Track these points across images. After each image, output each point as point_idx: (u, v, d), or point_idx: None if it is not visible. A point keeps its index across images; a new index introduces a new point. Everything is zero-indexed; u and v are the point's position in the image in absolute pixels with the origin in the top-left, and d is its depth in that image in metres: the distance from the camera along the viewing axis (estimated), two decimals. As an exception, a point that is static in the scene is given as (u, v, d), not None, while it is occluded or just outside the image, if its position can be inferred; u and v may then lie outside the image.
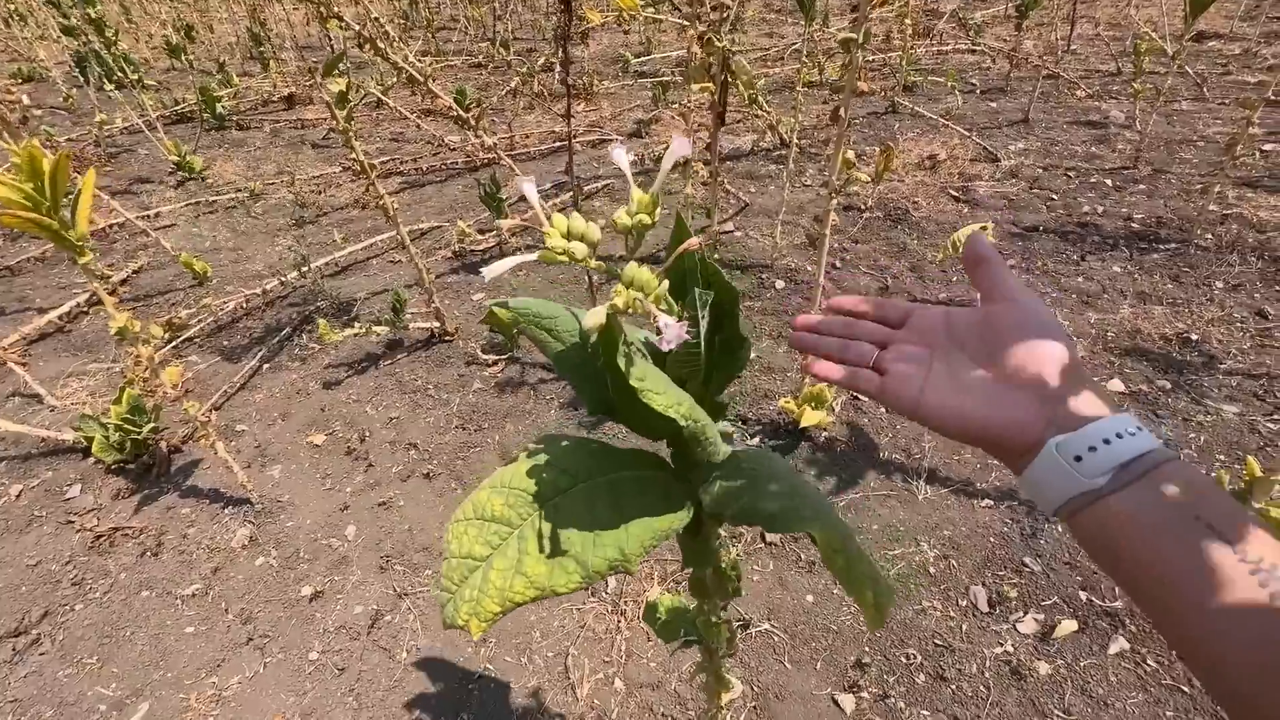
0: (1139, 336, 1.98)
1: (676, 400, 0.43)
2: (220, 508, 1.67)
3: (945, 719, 1.13)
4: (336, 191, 3.59)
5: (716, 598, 0.66)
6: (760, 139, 3.69)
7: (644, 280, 0.39)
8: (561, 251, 0.40)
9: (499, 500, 0.48)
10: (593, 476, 0.50)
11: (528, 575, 0.45)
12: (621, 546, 0.45)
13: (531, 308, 0.53)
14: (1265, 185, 2.73)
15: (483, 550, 0.46)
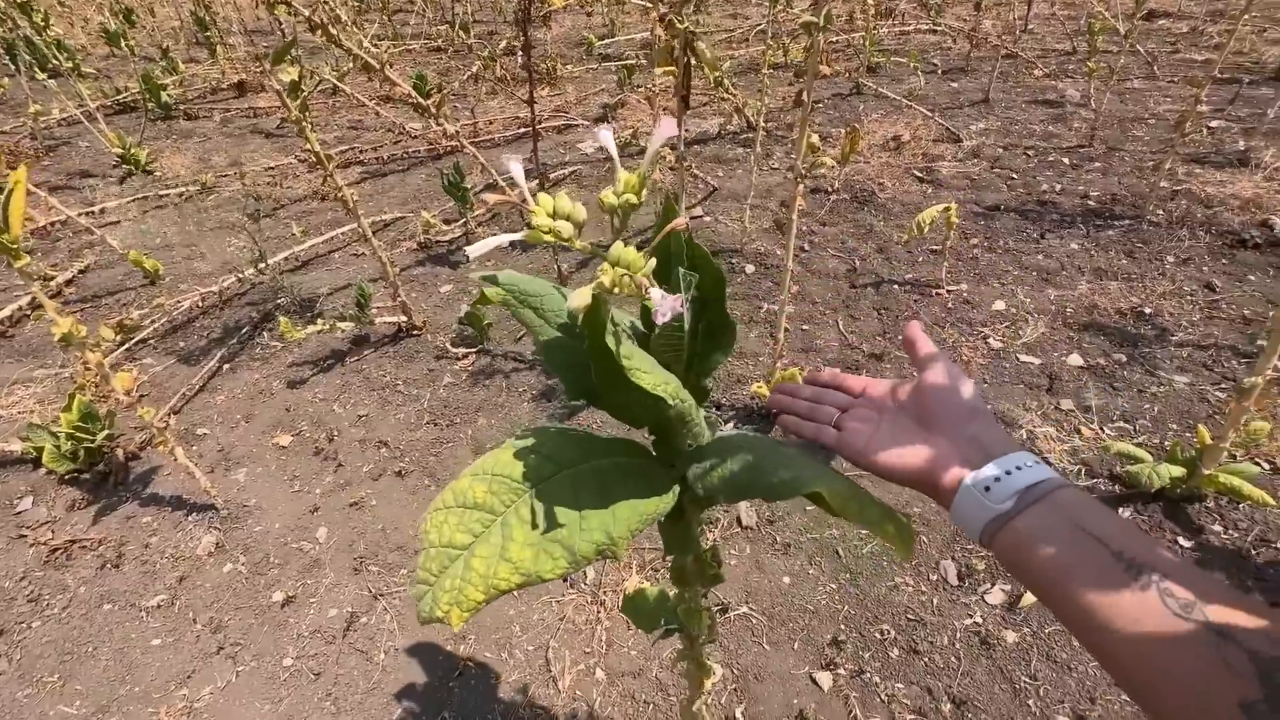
0: (1096, 311, 2.04)
1: (664, 379, 0.43)
2: (183, 515, 1.62)
3: (919, 690, 1.16)
4: (294, 183, 3.47)
5: (697, 585, 0.66)
6: (727, 122, 3.68)
7: (630, 259, 0.39)
8: (547, 231, 0.39)
9: (481, 487, 0.47)
10: (577, 463, 0.50)
11: (513, 561, 0.44)
12: (608, 530, 0.45)
13: (519, 284, 0.52)
14: (1212, 161, 2.82)
15: (464, 538, 0.45)
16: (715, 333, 0.51)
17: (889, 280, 2.28)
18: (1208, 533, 1.37)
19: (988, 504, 0.41)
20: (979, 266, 2.31)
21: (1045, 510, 0.39)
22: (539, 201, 0.40)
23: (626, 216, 0.41)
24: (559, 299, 0.53)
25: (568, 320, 0.52)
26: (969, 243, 2.44)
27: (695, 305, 0.47)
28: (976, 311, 2.09)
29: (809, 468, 0.45)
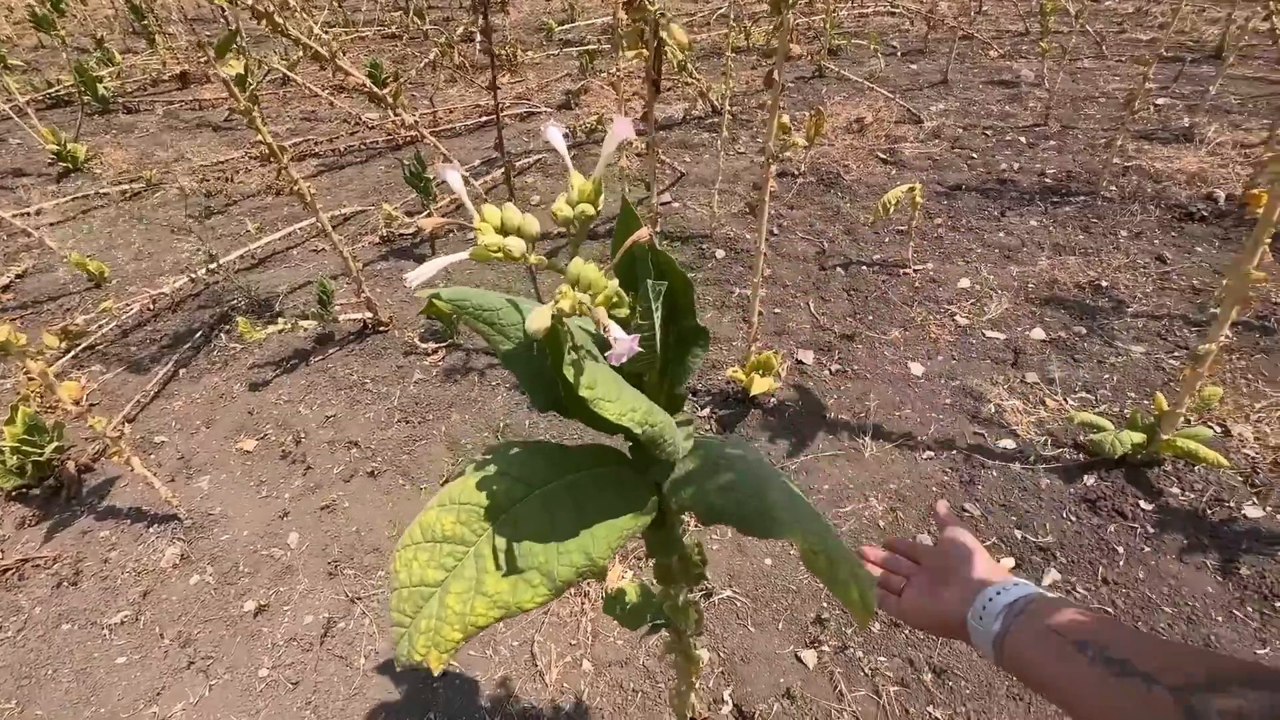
0: (1056, 286, 2.10)
1: (630, 407, 0.41)
2: (144, 527, 1.55)
3: (901, 662, 1.18)
4: (245, 177, 3.33)
5: (682, 582, 0.65)
6: (691, 107, 3.66)
7: (590, 279, 0.37)
8: (496, 249, 0.37)
9: (449, 518, 0.45)
10: (548, 481, 0.48)
11: (489, 595, 0.42)
12: (587, 551, 0.44)
13: (469, 300, 0.49)
14: (1159, 137, 2.92)
15: (436, 575, 0.43)
16: (687, 340, 0.49)
17: (857, 261, 2.31)
18: (1166, 495, 1.42)
19: (982, 628, 0.50)
20: (944, 245, 2.35)
21: (1025, 620, 0.48)
22: (484, 215, 0.37)
23: (584, 228, 0.39)
24: (514, 313, 0.50)
25: (525, 337, 0.50)
26: (933, 222, 2.48)
27: (665, 313, 0.46)
28: (943, 290, 2.13)
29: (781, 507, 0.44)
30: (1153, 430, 1.41)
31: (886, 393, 1.76)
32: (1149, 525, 1.37)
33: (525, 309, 0.51)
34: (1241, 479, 1.44)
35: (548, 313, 0.36)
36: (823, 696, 1.14)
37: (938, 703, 1.12)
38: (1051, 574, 1.30)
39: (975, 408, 1.68)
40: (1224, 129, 2.89)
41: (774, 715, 1.11)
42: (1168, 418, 1.38)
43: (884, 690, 1.14)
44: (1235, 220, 2.31)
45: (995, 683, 1.14)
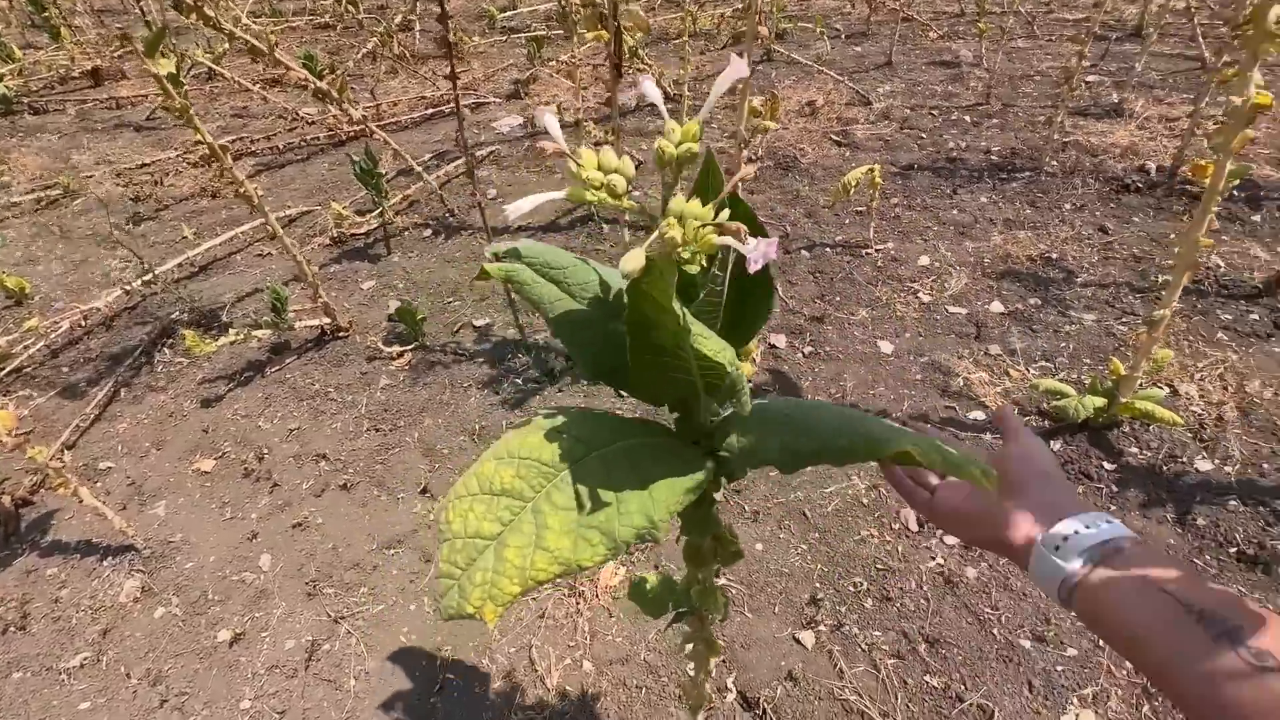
0: (1010, 260, 2.18)
1: (722, 345, 0.41)
2: (97, 560, 1.44)
3: (896, 635, 1.21)
4: (176, 180, 3.13)
5: (714, 564, 0.65)
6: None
7: (695, 211, 0.36)
8: (599, 185, 0.37)
9: (508, 471, 0.45)
10: (607, 444, 0.48)
11: (550, 550, 0.42)
12: (647, 512, 0.43)
13: (542, 255, 0.49)
14: (1092, 113, 3.06)
15: (492, 527, 0.43)
16: (753, 295, 0.49)
17: (820, 244, 2.34)
18: (1126, 455, 1.50)
19: (1059, 563, 0.43)
20: (902, 224, 2.40)
21: (1114, 566, 0.41)
22: (582, 155, 0.38)
23: (680, 169, 0.38)
24: (586, 270, 0.49)
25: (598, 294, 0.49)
26: (890, 202, 2.53)
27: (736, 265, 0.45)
28: (904, 268, 2.18)
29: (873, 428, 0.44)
30: (1112, 394, 1.48)
31: (859, 372, 1.79)
32: (1112, 485, 1.44)
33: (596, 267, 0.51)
34: (1191, 435, 1.53)
35: (643, 254, 0.35)
36: (824, 676, 1.16)
37: (933, 671, 1.15)
38: (1028, 538, 1.35)
39: (945, 382, 1.73)
40: (1150, 104, 3.05)
41: (778, 699, 1.13)
42: (1125, 381, 1.45)
43: (882, 664, 1.17)
44: (1166, 190, 2.44)
45: (985, 648, 1.18)
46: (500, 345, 1.97)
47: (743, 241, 0.36)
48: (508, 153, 3.16)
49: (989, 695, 1.11)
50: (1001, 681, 1.13)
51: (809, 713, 1.11)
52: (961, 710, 1.09)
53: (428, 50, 4.53)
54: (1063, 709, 1.09)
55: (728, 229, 0.36)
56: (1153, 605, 0.39)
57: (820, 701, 1.12)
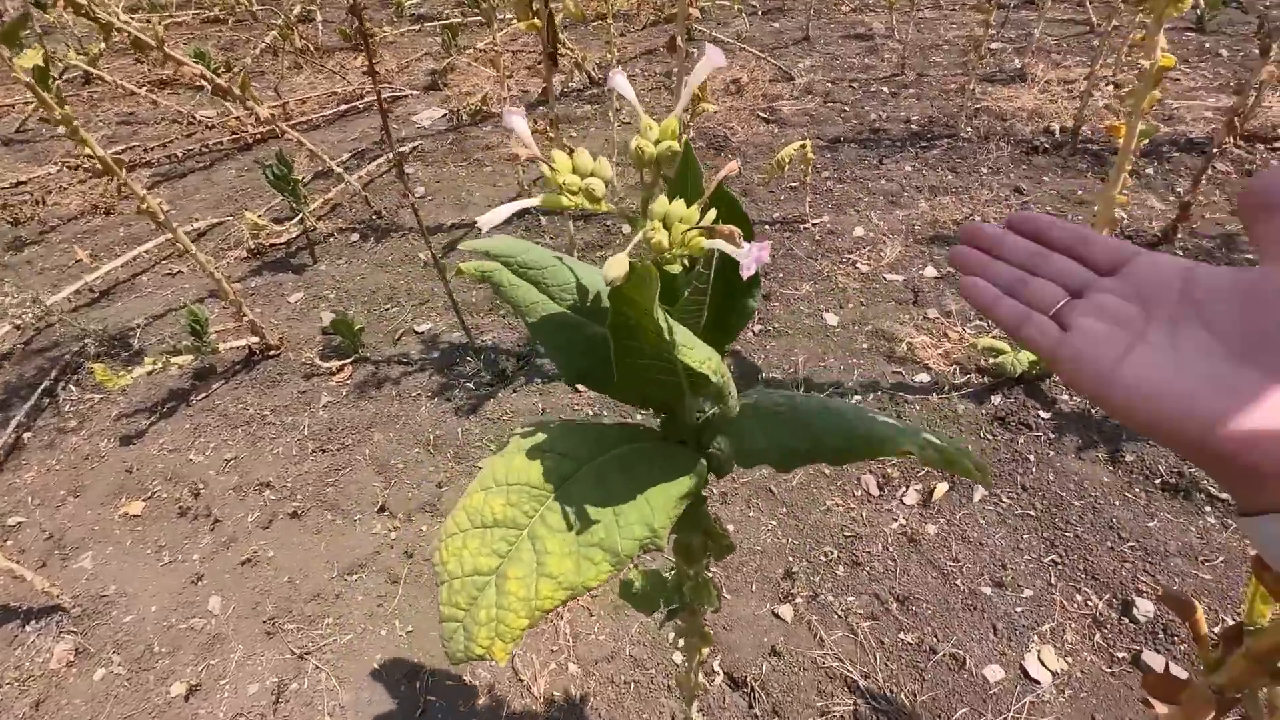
0: (938, 225, 2.27)
1: (708, 354, 0.40)
2: (18, 626, 1.31)
3: (869, 598, 1.26)
4: (60, 198, 2.84)
5: (704, 559, 0.64)
6: (568, 79, 3.55)
7: (681, 213, 0.34)
8: (575, 191, 0.34)
9: (498, 500, 0.43)
10: (595, 456, 0.46)
11: (553, 576, 0.40)
12: (647, 521, 0.42)
13: (517, 254, 0.46)
14: (999, 79, 3.21)
15: (490, 562, 0.41)
16: (738, 292, 0.48)
17: (759, 221, 2.36)
18: (1059, 403, 1.60)
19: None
20: (835, 197, 2.46)
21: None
22: (555, 158, 0.36)
23: (660, 168, 0.36)
24: (565, 271, 0.47)
25: (576, 298, 0.47)
26: (821, 176, 2.58)
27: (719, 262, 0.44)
28: (841, 240, 2.23)
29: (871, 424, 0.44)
30: (1043, 347, 1.57)
31: (809, 345, 1.83)
32: (1050, 431, 1.53)
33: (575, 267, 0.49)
34: (1113, 378, 1.64)
35: (625, 259, 0.34)
36: (805, 646, 1.19)
37: (906, 628, 1.20)
38: (980, 491, 1.42)
39: (890, 348, 1.80)
40: (1049, 68, 3.23)
41: (764, 675, 1.15)
42: (1054, 334, 1.54)
43: (858, 627, 1.21)
44: (1070, 149, 2.60)
45: (950, 599, 1.24)
46: (447, 351, 1.90)
47: (736, 245, 0.34)
48: (432, 147, 3.03)
49: (959, 644, 1.17)
50: (969, 629, 1.19)
51: (795, 684, 1.13)
52: (936, 661, 1.15)
53: (332, 43, 4.27)
54: (1025, 647, 1.16)
55: (719, 233, 0.35)
56: None
57: (804, 672, 1.15)
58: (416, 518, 1.46)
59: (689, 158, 0.43)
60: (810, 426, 0.45)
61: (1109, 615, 1.19)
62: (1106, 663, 1.13)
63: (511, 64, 3.64)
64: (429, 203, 2.63)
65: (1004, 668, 1.13)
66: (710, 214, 0.37)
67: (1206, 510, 1.33)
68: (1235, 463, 0.26)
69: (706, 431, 0.51)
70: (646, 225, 0.36)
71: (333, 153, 2.98)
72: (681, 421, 0.52)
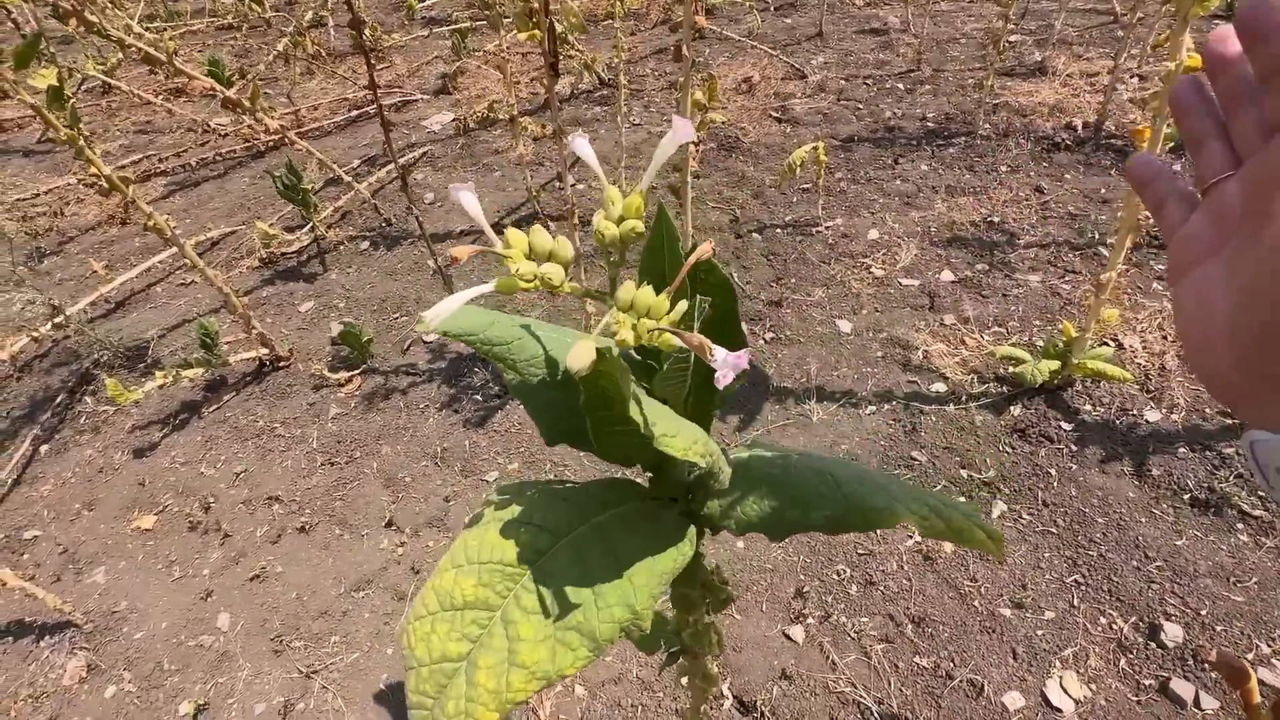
0: (955, 227, 2.21)
1: (692, 439, 0.37)
2: (32, 642, 1.33)
3: (883, 619, 1.22)
4: (79, 208, 2.89)
5: (703, 608, 0.62)
6: (577, 81, 3.52)
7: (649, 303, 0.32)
8: (531, 279, 0.32)
9: (469, 581, 0.40)
10: (574, 527, 0.43)
11: (525, 665, 0.38)
12: (628, 602, 0.40)
13: (477, 330, 0.43)
14: (1018, 73, 3.12)
15: (459, 647, 0.39)
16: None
17: (770, 225, 2.32)
18: (1082, 413, 1.54)
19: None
20: (848, 199, 2.41)
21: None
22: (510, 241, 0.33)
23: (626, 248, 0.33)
24: (531, 345, 0.44)
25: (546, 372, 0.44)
26: (834, 177, 2.53)
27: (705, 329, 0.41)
28: (855, 243, 2.19)
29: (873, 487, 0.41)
30: (1064, 356, 1.52)
31: (822, 354, 1.79)
32: (1072, 444, 1.48)
33: (545, 337, 0.47)
34: (1139, 387, 1.59)
35: (592, 346, 0.31)
36: (817, 670, 1.16)
37: (922, 651, 1.17)
38: (999, 506, 1.38)
39: (905, 356, 1.75)
40: (1070, 60, 3.13)
41: (774, 699, 1.12)
42: (1077, 343, 1.48)
43: (872, 650, 1.18)
44: (1094, 146, 2.52)
45: (968, 621, 1.20)
46: (455, 361, 1.89)
47: (708, 356, 0.31)
48: (441, 152, 3.02)
49: (977, 669, 1.13)
50: (987, 653, 1.15)
51: (806, 710, 1.10)
52: (953, 687, 1.11)
53: (345, 48, 4.29)
54: (1047, 673, 1.12)
55: (687, 340, 0.32)
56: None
57: (816, 697, 1.12)
58: (424, 533, 1.46)
59: (665, 225, 0.40)
60: (806, 495, 0.42)
61: (1135, 640, 1.14)
62: (1133, 690, 1.08)
63: (521, 67, 3.62)
64: (437, 209, 2.62)
65: (1024, 695, 1.09)
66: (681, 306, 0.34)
67: (1239, 527, 1.28)
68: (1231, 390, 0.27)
69: (699, 489, 0.49)
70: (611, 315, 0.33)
71: (343, 159, 2.99)
72: (672, 479, 0.49)
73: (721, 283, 0.42)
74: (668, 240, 0.41)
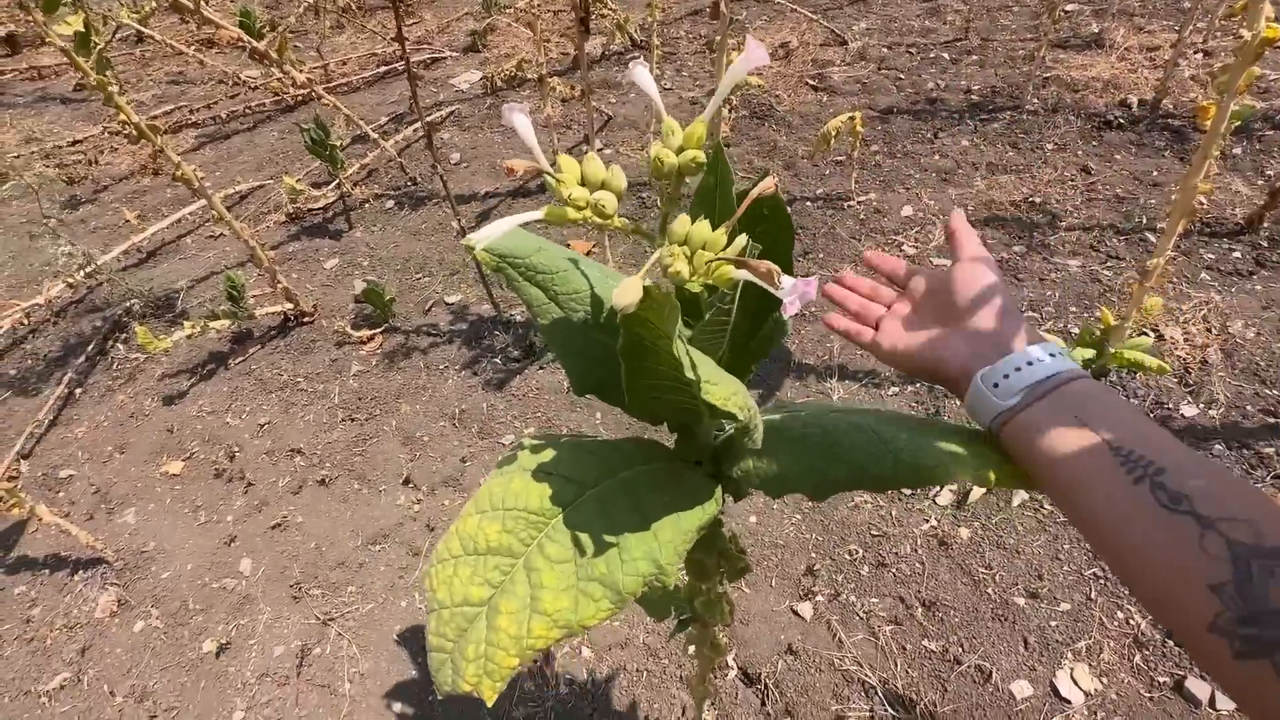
0: (994, 206, 2.13)
1: (732, 390, 0.36)
2: (67, 575, 1.39)
3: (893, 601, 1.21)
4: (113, 157, 2.92)
5: (717, 577, 0.61)
6: (609, 41, 3.43)
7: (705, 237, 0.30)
8: (583, 205, 0.31)
9: (493, 526, 0.40)
10: (600, 480, 0.43)
11: (548, 613, 0.38)
12: (653, 556, 0.39)
13: (524, 254, 0.43)
14: (1072, 45, 2.96)
15: (482, 592, 0.38)
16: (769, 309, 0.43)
17: (801, 198, 2.26)
18: (1114, 404, 1.49)
19: (995, 399, 0.40)
20: (883, 173, 2.33)
21: (1049, 405, 0.38)
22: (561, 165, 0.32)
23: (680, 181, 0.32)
24: (578, 278, 0.43)
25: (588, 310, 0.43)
26: (869, 149, 2.45)
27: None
28: (888, 220, 2.12)
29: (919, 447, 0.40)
30: (1101, 344, 1.47)
31: (846, 332, 1.75)
32: (1101, 435, 1.44)
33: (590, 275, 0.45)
34: (1176, 380, 1.53)
35: (640, 283, 0.29)
36: (823, 647, 1.16)
37: (931, 635, 1.16)
38: (1019, 495, 1.35)
39: (932, 338, 1.71)
40: (1130, 33, 2.96)
41: (779, 674, 1.13)
42: (1115, 331, 1.43)
43: (880, 631, 1.17)
44: (1148, 125, 2.39)
45: (980, 608, 1.19)
46: (476, 324, 1.90)
47: (776, 284, 0.29)
48: (469, 111, 2.99)
49: (986, 656, 1.12)
50: (998, 641, 1.14)
51: (810, 685, 1.11)
52: (960, 672, 1.10)
53: (375, 2, 4.23)
54: (1058, 664, 1.10)
55: (753, 268, 0.30)
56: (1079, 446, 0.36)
57: (821, 673, 1.12)
58: (440, 491, 1.48)
59: (720, 166, 0.38)
60: (847, 451, 0.41)
61: (1152, 636, 1.12)
62: (1146, 686, 1.07)
63: (551, 25, 3.54)
64: (463, 169, 2.60)
65: (1033, 684, 1.08)
66: (740, 240, 0.32)
67: (1271, 530, 1.23)
68: (939, 377, 0.46)
69: (726, 453, 0.47)
70: (664, 248, 0.31)
71: (371, 116, 2.97)
72: (699, 442, 0.48)
73: (782, 218, 0.39)
74: (721, 182, 0.39)
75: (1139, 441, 0.35)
